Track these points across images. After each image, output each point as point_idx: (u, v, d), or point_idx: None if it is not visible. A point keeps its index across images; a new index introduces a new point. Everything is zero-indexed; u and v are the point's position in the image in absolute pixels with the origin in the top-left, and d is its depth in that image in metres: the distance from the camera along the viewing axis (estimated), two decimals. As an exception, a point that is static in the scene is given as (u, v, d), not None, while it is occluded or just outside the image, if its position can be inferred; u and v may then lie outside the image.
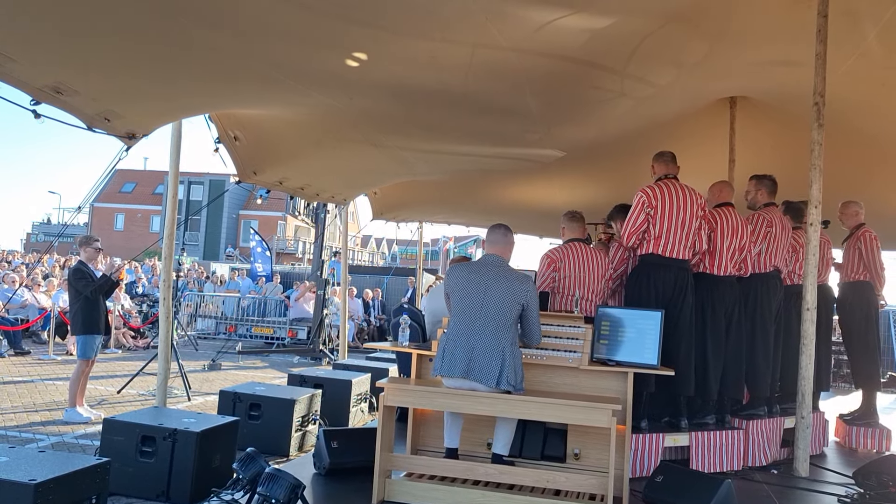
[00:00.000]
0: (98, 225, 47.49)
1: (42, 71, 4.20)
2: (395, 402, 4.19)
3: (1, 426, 6.40)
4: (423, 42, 4.27)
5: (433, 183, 9.38)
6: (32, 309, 12.23)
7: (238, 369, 10.98)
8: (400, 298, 16.84)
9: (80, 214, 41.99)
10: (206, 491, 4.47)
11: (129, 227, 49.01)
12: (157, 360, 6.23)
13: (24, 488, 3.38)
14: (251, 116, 6.26)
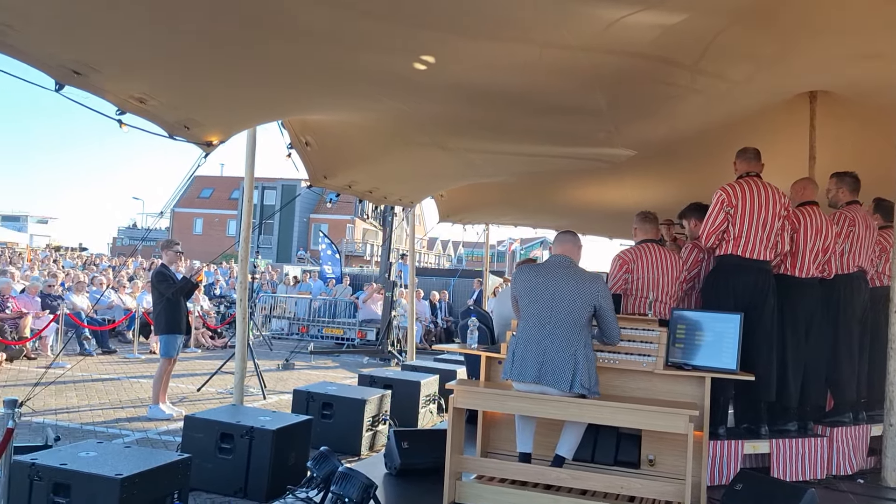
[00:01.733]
0: (178, 229, 49.45)
1: (127, 82, 4.40)
2: (465, 404, 4.19)
3: (90, 422, 6.74)
4: (490, 43, 4.26)
5: (500, 185, 9.34)
6: (118, 310, 12.82)
7: (310, 369, 11.22)
8: (466, 300, 16.86)
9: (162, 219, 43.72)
10: (282, 488, 4.58)
11: (207, 230, 50.82)
12: (234, 359, 6.43)
13: (112, 482, 3.54)
14: (322, 122, 6.38)
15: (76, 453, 3.88)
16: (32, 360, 10.28)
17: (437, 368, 8.33)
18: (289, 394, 8.13)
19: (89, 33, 3.75)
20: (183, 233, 47.76)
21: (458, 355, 8.95)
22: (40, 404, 7.21)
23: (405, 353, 12.09)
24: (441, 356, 9.85)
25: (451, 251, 60.32)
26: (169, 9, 3.50)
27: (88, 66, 3.98)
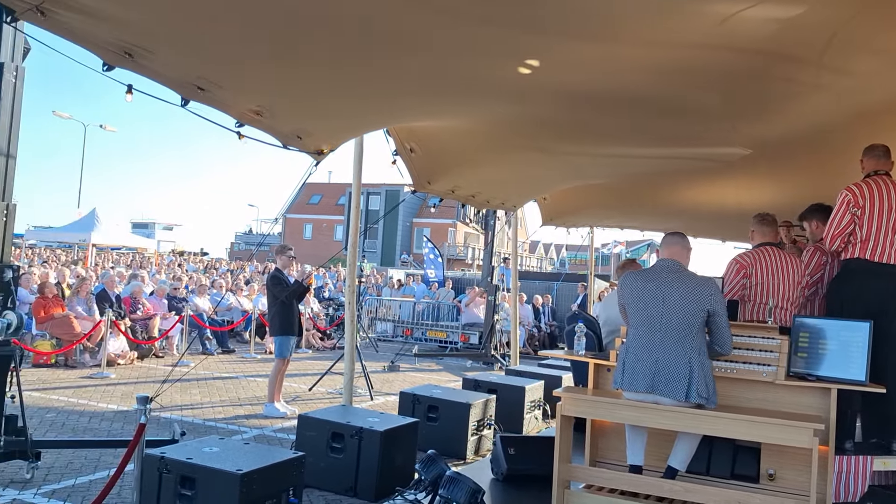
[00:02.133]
0: (290, 234, 51.62)
1: (245, 96, 4.64)
2: (574, 412, 4.12)
3: (211, 418, 7.13)
4: (596, 45, 4.18)
5: (604, 187, 9.15)
6: (236, 311, 13.52)
7: (415, 371, 11.40)
8: (570, 305, 16.61)
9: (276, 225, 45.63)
10: (390, 488, 4.67)
11: (316, 235, 52.75)
12: (343, 360, 6.63)
13: (232, 477, 3.72)
14: (426, 128, 6.48)
15: (200, 448, 4.11)
16: (160, 358, 11.01)
17: (542, 374, 8.25)
18: (395, 395, 8.29)
19: (212, 53, 3.98)
20: (294, 238, 49.78)
21: (562, 361, 8.82)
22: (167, 400, 7.70)
23: (508, 358, 12.06)
24: (545, 361, 9.75)
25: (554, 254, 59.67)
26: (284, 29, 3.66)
27: (212, 83, 4.23)
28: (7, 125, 4.87)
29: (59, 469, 5.17)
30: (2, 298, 4.70)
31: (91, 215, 22.38)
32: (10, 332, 4.70)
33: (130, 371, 9.70)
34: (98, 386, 8.43)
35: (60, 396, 7.67)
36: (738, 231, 10.39)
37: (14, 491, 4.63)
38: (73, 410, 7.04)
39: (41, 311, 9.71)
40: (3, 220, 4.86)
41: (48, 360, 9.52)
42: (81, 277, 11.68)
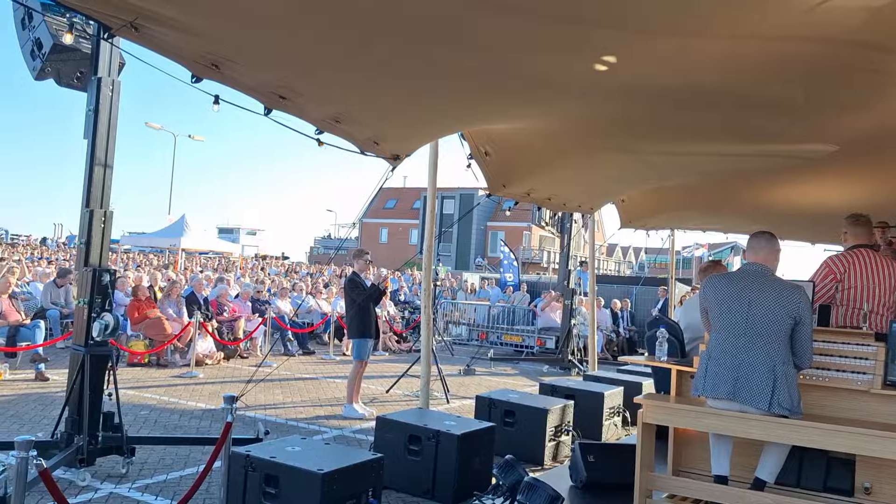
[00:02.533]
0: (366, 239, 52.54)
1: (325, 104, 4.75)
2: (656, 419, 4.01)
3: (293, 417, 7.32)
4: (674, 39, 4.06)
5: (685, 187, 8.88)
6: (316, 314, 13.85)
7: (490, 375, 11.38)
8: (650, 309, 16.21)
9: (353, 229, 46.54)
10: (468, 492, 4.67)
11: (392, 239, 53.49)
12: (420, 363, 6.68)
13: (314, 477, 3.80)
14: (501, 131, 6.46)
15: (283, 447, 4.22)
16: (245, 359, 11.39)
17: (621, 380, 8.07)
18: (470, 399, 8.29)
19: (294, 63, 4.09)
20: (370, 242, 50.65)
21: (642, 367, 8.61)
22: (251, 400, 7.96)
23: (586, 363, 11.87)
24: (625, 367, 9.54)
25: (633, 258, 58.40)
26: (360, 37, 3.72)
27: (293, 92, 4.35)
28: (105, 137, 5.15)
29: (152, 464, 5.41)
30: (100, 301, 4.98)
31: (181, 221, 23.43)
32: (108, 332, 4.96)
33: (217, 371, 10.08)
34: (187, 385, 8.80)
35: (153, 394, 8.04)
36: (829, 233, 9.87)
37: (111, 485, 4.88)
38: (164, 408, 7.37)
39: (135, 313, 10.23)
40: (102, 226, 5.14)
41: (142, 359, 10.01)
42: (172, 281, 12.23)
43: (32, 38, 5.15)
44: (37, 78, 5.23)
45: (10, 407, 6.95)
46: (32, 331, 8.92)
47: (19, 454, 3.00)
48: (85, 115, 5.16)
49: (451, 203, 48.54)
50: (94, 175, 5.10)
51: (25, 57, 5.27)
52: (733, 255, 28.01)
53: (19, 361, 9.07)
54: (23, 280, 12.57)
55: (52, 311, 10.66)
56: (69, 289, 11.05)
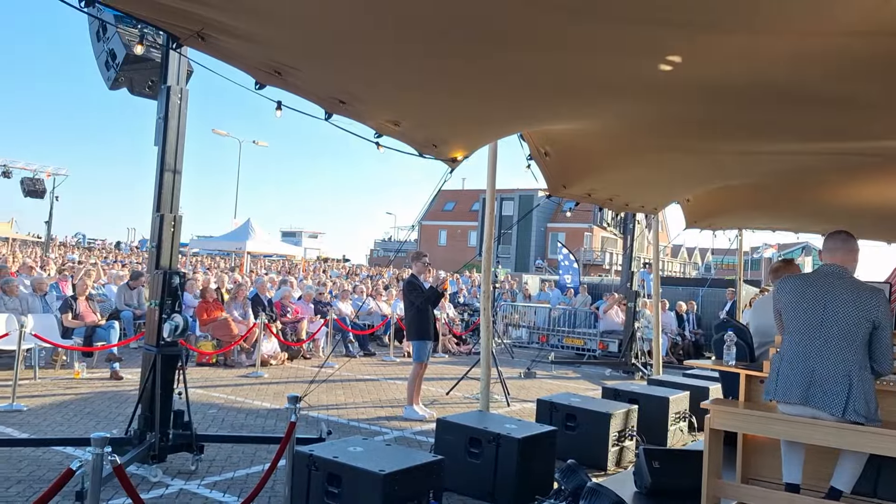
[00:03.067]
0: (425, 241, 52.86)
1: (384, 107, 4.79)
2: (724, 425, 3.89)
3: (354, 418, 7.40)
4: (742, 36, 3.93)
5: (754, 186, 8.59)
6: (376, 315, 14.00)
7: (551, 379, 11.26)
8: (717, 312, 15.75)
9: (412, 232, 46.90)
10: (528, 496, 4.62)
11: (451, 241, 53.66)
12: (479, 366, 6.65)
13: (376, 478, 3.82)
14: (560, 131, 6.38)
15: (345, 447, 4.26)
16: (307, 359, 11.60)
17: (687, 384, 7.85)
18: (531, 402, 8.21)
19: (353, 68, 4.13)
20: (429, 244, 50.92)
21: (709, 371, 8.37)
22: (314, 400, 8.09)
23: (650, 367, 11.62)
24: (690, 371, 9.29)
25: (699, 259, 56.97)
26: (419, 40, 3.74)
27: (352, 96, 4.40)
28: (174, 143, 5.33)
29: (220, 462, 5.56)
30: (170, 302, 5.14)
31: (246, 225, 24.08)
32: (178, 333, 5.12)
33: (281, 371, 10.29)
34: (253, 385, 9.01)
35: (220, 393, 8.27)
36: (909, 232, 9.42)
37: (181, 481, 5.03)
38: (231, 407, 7.57)
39: (203, 314, 10.55)
40: (172, 230, 5.31)
41: (210, 359, 10.31)
42: (238, 283, 12.56)
43: (107, 50, 5.37)
44: (111, 87, 5.45)
45: (87, 405, 7.26)
46: (107, 331, 9.30)
47: (95, 450, 3.12)
48: (155, 122, 5.34)
49: (511, 204, 48.37)
50: (164, 181, 5.28)
51: (100, 67, 5.50)
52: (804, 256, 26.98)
53: (95, 361, 9.48)
54: (98, 282, 13.13)
55: (125, 312, 11.10)
56: (141, 291, 11.48)
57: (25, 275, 11.74)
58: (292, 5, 3.33)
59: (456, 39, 3.76)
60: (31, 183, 24.75)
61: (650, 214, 11.06)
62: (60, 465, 5.18)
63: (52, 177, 26.16)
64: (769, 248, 28.32)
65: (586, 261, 43.39)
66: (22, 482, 4.79)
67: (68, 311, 9.36)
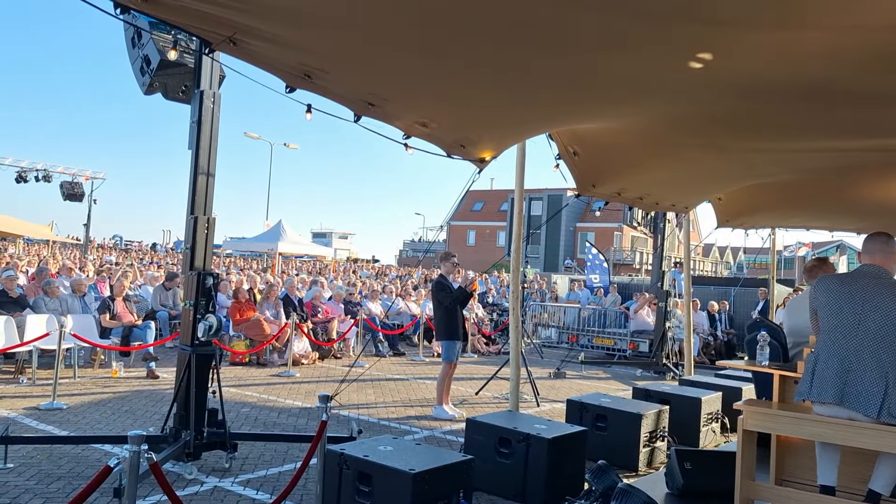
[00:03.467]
0: (453, 241, 52.90)
1: (412, 109, 4.82)
2: (757, 426, 3.84)
3: (385, 417, 7.45)
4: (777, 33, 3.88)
5: (787, 184, 8.45)
6: (405, 315, 14.05)
7: (581, 379, 11.21)
8: (749, 312, 15.52)
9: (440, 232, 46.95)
10: (558, 497, 4.61)
11: (479, 242, 53.61)
12: (509, 366, 6.66)
13: (405, 476, 3.85)
14: (590, 131, 6.35)
15: (376, 446, 4.30)
16: (338, 359, 11.70)
17: (720, 385, 7.76)
18: (561, 402, 8.19)
19: (382, 70, 4.17)
20: (458, 244, 50.94)
21: (742, 371, 8.26)
22: (345, 399, 8.16)
23: (682, 367, 11.50)
24: (723, 372, 9.17)
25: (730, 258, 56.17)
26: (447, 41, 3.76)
27: (381, 98, 4.44)
28: (207, 147, 5.42)
29: (253, 460, 5.64)
30: (204, 303, 5.24)
31: (277, 226, 24.35)
32: (212, 333, 5.21)
33: (312, 370, 10.40)
34: (285, 384, 9.12)
35: (253, 392, 8.39)
36: (951, 229, 9.17)
37: (215, 479, 5.12)
38: (263, 406, 7.67)
39: (236, 314, 10.71)
40: (206, 231, 5.41)
41: (243, 359, 10.46)
42: (270, 284, 12.71)
43: (141, 56, 5.49)
44: (146, 92, 5.57)
45: (125, 403, 7.42)
46: (144, 331, 9.49)
47: (132, 448, 3.20)
48: (189, 126, 5.45)
49: (539, 204, 48.20)
50: (197, 183, 5.37)
51: (135, 73, 5.62)
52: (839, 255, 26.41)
53: (132, 360, 9.68)
54: (135, 283, 13.40)
55: (161, 312, 11.32)
56: (177, 291, 11.69)
57: (65, 276, 12.04)
58: (322, 9, 3.37)
59: (485, 40, 3.77)
60: (70, 187, 25.34)
61: (681, 213, 10.94)
62: (99, 462, 5.30)
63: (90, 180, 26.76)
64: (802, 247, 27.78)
65: (616, 260, 43.04)
66: (62, 478, 4.92)
67: (106, 312, 9.57)
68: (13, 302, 9.10)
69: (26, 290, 9.96)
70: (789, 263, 31.29)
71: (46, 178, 24.55)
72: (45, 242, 34.24)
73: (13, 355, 8.50)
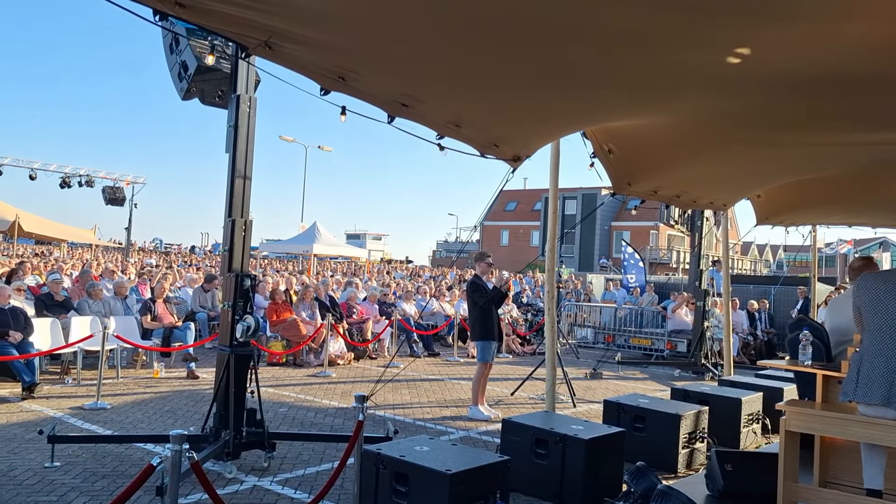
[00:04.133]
0: (487, 241, 52.81)
1: (445, 109, 4.82)
2: (800, 427, 3.76)
3: (420, 417, 7.47)
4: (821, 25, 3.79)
5: (829, 179, 8.25)
6: (440, 316, 14.07)
7: (618, 379, 11.09)
8: (790, 311, 15.19)
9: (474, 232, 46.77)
10: (596, 498, 4.57)
11: (513, 242, 53.43)
12: (544, 366, 6.61)
13: (442, 477, 3.85)
14: (625, 128, 6.28)
15: (412, 446, 4.31)
16: (373, 359, 11.77)
17: (760, 385, 7.61)
18: (598, 403, 8.11)
19: (415, 71, 4.18)
20: (491, 244, 50.83)
21: (783, 371, 8.09)
22: (380, 399, 8.21)
23: (721, 368, 11.31)
24: (763, 372, 8.99)
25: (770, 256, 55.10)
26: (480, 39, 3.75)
27: (414, 99, 4.45)
28: (244, 150, 5.50)
29: (291, 459, 5.70)
30: (242, 304, 5.31)
31: (312, 228, 24.60)
32: (249, 333, 5.28)
33: (348, 371, 10.47)
34: (321, 384, 9.21)
35: (290, 392, 8.48)
36: None
37: (254, 478, 5.19)
38: (300, 406, 7.75)
39: (273, 316, 10.84)
40: (243, 234, 5.48)
41: (280, 359, 10.59)
42: (305, 285, 12.84)
43: (179, 62, 5.59)
44: (184, 98, 5.67)
45: (166, 403, 7.56)
46: (184, 332, 9.67)
47: (174, 447, 3.26)
48: (226, 130, 5.53)
49: (573, 203, 47.84)
50: (234, 186, 5.45)
51: (173, 79, 5.73)
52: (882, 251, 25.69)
53: (173, 360, 9.87)
54: (175, 285, 13.66)
55: (200, 313, 11.52)
56: (215, 293, 11.89)
57: (108, 279, 12.32)
58: (355, 11, 3.39)
59: (518, 38, 3.76)
60: (111, 191, 25.94)
61: (719, 211, 10.77)
62: (142, 460, 5.41)
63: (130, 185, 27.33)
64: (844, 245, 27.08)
65: (652, 259, 42.51)
66: (106, 477, 5.03)
67: (147, 313, 9.77)
68: (59, 304, 9.35)
69: (71, 293, 10.23)
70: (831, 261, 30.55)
71: (89, 183, 25.15)
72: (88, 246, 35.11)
73: (59, 356, 8.74)
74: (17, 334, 7.70)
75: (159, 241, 57.58)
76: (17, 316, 7.98)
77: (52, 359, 8.98)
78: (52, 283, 9.76)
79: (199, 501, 4.57)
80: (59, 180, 24.43)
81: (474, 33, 3.68)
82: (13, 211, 24.84)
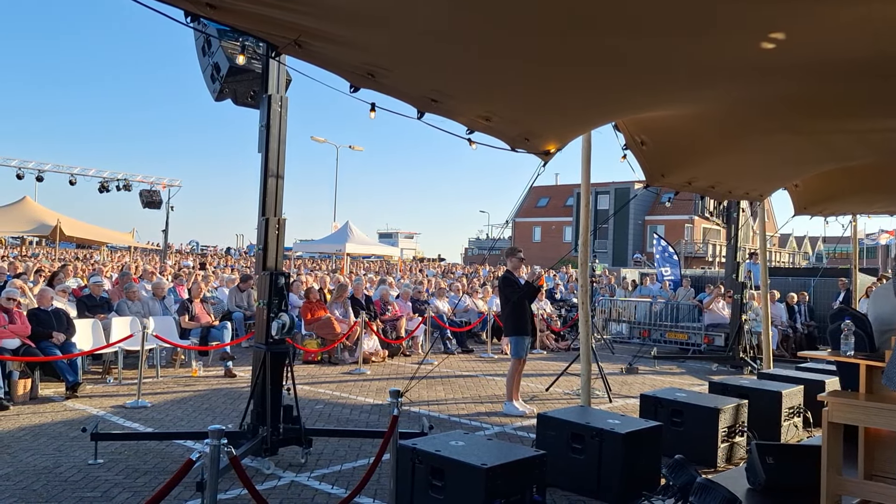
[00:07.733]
0: (519, 238, 52.60)
1: (475, 103, 4.80)
2: (843, 419, 3.67)
3: (455, 413, 7.47)
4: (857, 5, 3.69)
5: (869, 167, 8.03)
6: (473, 313, 14.06)
7: (654, 374, 10.96)
8: (830, 303, 14.84)
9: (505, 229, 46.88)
10: (634, 493, 4.52)
11: (545, 237, 53.13)
12: (579, 361, 6.56)
13: (478, 472, 3.85)
14: (658, 119, 6.19)
15: (447, 442, 4.31)
16: (407, 356, 11.81)
17: (801, 378, 7.45)
18: (634, 398, 8.03)
19: (445, 65, 4.17)
20: (523, 241, 50.60)
21: (824, 364, 7.91)
22: (415, 396, 8.23)
23: (760, 361, 11.10)
24: (804, 364, 8.81)
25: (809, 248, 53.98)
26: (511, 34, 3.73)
27: (444, 94, 4.44)
28: (276, 149, 5.55)
29: (328, 455, 5.75)
30: (277, 302, 5.37)
31: (345, 228, 24.78)
32: (284, 331, 5.34)
33: (382, 368, 10.53)
34: (356, 381, 9.27)
35: (325, 390, 8.55)
36: None
37: (292, 473, 5.24)
38: (336, 402, 7.81)
39: (308, 314, 10.94)
40: (276, 232, 5.54)
41: (315, 357, 10.68)
42: (340, 284, 12.94)
43: (211, 64, 5.67)
44: (217, 99, 5.75)
45: (204, 401, 7.69)
46: (221, 331, 9.82)
47: (213, 443, 3.30)
48: (258, 130, 5.59)
49: (606, 198, 47.40)
50: (267, 186, 5.51)
51: (206, 81, 5.81)
52: (928, 241, 24.90)
53: (210, 359, 10.02)
54: (211, 286, 13.87)
55: (236, 313, 11.68)
56: (251, 293, 12.05)
57: (146, 280, 12.57)
58: (384, 9, 3.40)
59: (547, 28, 3.73)
60: (148, 195, 26.43)
61: (755, 202, 10.57)
62: (182, 457, 5.51)
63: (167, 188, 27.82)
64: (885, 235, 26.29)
65: (687, 253, 41.93)
66: (148, 473, 5.13)
67: (185, 314, 9.95)
68: (99, 305, 9.56)
69: (111, 295, 10.45)
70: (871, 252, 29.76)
71: (126, 187, 25.67)
72: (127, 249, 35.85)
73: (101, 356, 8.94)
74: (60, 335, 7.90)
75: (196, 243, 58.54)
76: (60, 317, 8.18)
77: (94, 359, 9.19)
78: (93, 286, 9.98)
79: (238, 497, 4.64)
80: (98, 185, 24.98)
81: (503, 28, 3.66)
82: (55, 216, 25.49)
